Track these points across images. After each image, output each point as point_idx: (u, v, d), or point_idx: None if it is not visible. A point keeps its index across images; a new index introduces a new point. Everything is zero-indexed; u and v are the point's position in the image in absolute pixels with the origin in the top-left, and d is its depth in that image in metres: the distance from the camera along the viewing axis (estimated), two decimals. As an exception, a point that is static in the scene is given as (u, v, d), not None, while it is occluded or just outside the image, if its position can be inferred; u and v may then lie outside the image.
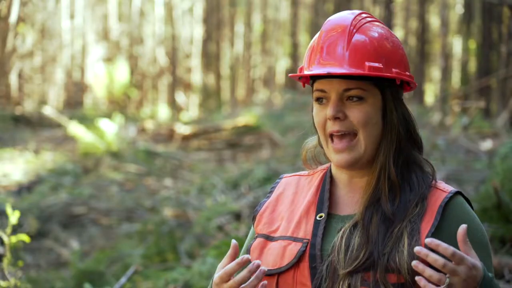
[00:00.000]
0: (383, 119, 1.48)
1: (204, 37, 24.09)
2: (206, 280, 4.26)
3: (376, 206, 1.47)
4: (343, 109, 1.47)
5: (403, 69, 1.50)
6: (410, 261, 1.38)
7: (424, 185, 1.49)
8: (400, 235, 1.42)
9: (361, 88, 1.46)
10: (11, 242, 3.04)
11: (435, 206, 1.46)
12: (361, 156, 1.48)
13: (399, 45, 1.52)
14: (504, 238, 3.71)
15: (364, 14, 1.54)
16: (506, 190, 3.89)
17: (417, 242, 1.41)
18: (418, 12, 18.81)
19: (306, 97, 16.31)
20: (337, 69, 1.44)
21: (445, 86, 14.56)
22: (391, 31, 1.56)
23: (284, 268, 1.50)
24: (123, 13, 24.04)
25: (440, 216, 1.45)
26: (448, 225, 1.45)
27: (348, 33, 1.47)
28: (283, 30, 25.59)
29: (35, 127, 14.69)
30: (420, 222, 1.44)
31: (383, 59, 1.46)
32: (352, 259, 1.42)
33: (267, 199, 1.66)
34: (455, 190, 1.50)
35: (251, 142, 13.03)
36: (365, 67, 1.43)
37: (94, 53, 21.63)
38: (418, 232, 1.43)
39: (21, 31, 17.97)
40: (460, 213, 1.47)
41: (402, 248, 1.41)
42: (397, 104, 1.50)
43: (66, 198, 8.03)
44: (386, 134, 1.48)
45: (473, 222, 1.46)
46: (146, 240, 6.14)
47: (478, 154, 8.12)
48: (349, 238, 1.45)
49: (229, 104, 22.92)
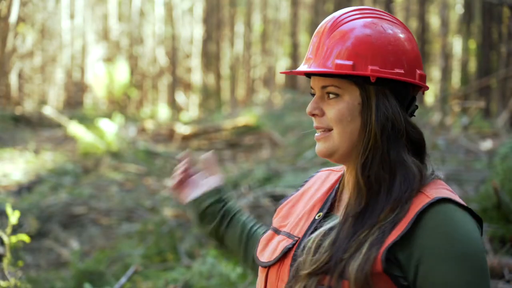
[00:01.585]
0: (361, 117, 1.44)
1: (204, 37, 24.09)
2: (206, 280, 4.26)
3: (353, 208, 1.43)
4: (321, 105, 1.47)
5: (389, 66, 1.42)
6: (359, 273, 1.32)
7: (405, 189, 1.39)
8: (363, 242, 1.36)
9: (335, 86, 1.44)
10: (11, 242, 3.04)
11: (411, 214, 1.35)
12: (336, 148, 1.45)
13: (390, 41, 1.44)
14: (504, 238, 3.70)
15: (361, 9, 1.48)
16: (506, 190, 3.88)
17: (376, 251, 1.33)
18: (418, 12, 18.82)
19: (306, 97, 16.31)
20: (305, 67, 1.47)
21: (445, 86, 14.55)
22: (391, 26, 1.47)
23: (271, 262, 1.52)
24: (123, 13, 24.04)
25: (413, 224, 1.34)
26: (421, 235, 1.33)
27: (329, 29, 1.46)
28: (283, 30, 25.60)
29: (35, 127, 14.70)
30: (391, 230, 1.35)
31: (357, 56, 1.42)
32: (314, 261, 1.39)
33: (294, 193, 1.69)
34: (440, 196, 1.36)
35: (251, 142, 13.03)
36: (334, 65, 1.42)
37: (94, 53, 21.64)
38: (384, 238, 1.34)
39: (21, 31, 17.98)
40: (439, 222, 1.34)
41: (358, 255, 1.34)
42: (381, 103, 1.43)
43: (66, 198, 8.03)
44: (361, 132, 1.44)
45: (455, 232, 1.33)
46: (146, 240, 6.14)
47: (478, 154, 8.12)
48: (322, 239, 1.42)
49: (229, 104, 22.93)
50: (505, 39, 15.07)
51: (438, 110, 11.72)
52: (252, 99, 23.01)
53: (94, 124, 12.54)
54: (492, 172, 4.59)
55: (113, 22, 22.94)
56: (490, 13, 15.87)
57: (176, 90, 22.99)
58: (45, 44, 20.93)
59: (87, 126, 12.26)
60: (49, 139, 13.27)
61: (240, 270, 4.27)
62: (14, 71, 19.14)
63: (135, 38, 23.52)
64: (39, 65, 20.93)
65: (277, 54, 24.62)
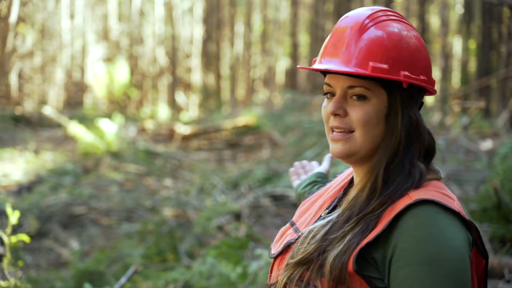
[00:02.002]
0: (387, 121, 1.44)
1: (204, 37, 24.09)
2: (206, 280, 4.26)
3: (353, 205, 1.44)
4: (345, 106, 1.45)
5: (417, 72, 1.44)
6: (337, 263, 1.33)
7: (398, 190, 1.39)
8: (347, 233, 1.37)
9: (365, 87, 1.43)
10: (11, 242, 3.04)
11: (391, 215, 1.35)
12: (357, 150, 1.45)
13: (417, 47, 1.46)
14: (504, 238, 3.70)
15: (384, 11, 1.48)
16: (506, 190, 3.88)
17: (353, 246, 1.34)
18: (418, 12, 18.81)
19: (306, 97, 16.31)
20: (339, 67, 1.42)
21: (445, 86, 14.54)
22: (414, 32, 1.48)
23: (275, 254, 1.55)
24: (123, 13, 24.04)
25: (389, 225, 1.34)
26: (395, 236, 1.33)
27: (359, 29, 1.44)
28: (283, 30, 25.59)
29: (35, 127, 14.69)
30: (373, 228, 1.36)
31: (390, 60, 1.42)
32: (303, 251, 1.41)
33: (319, 189, 1.73)
34: (422, 198, 1.35)
35: (251, 142, 13.03)
36: (368, 67, 1.41)
37: (94, 53, 21.63)
38: (363, 236, 1.35)
39: (21, 31, 17.97)
40: (414, 224, 1.32)
41: (339, 246, 1.36)
42: (406, 108, 1.44)
43: (66, 198, 8.03)
44: (387, 137, 1.44)
45: (428, 235, 1.30)
46: (146, 240, 6.14)
47: (478, 154, 8.12)
48: (318, 231, 1.44)
49: (229, 104, 22.92)
50: (505, 39, 15.07)
51: (438, 110, 11.71)
52: (252, 99, 23.01)
53: (94, 124, 12.53)
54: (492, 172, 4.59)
55: (113, 22, 22.94)
56: (490, 13, 15.87)
57: (176, 90, 22.99)
58: (45, 44, 20.92)
59: (87, 126, 12.26)
60: (49, 139, 13.27)
61: (240, 270, 4.27)
62: (14, 71, 19.13)
63: (135, 38, 23.52)
64: (39, 65, 20.93)
65: (277, 54, 24.62)
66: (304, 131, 11.80)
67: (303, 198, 1.86)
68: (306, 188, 1.97)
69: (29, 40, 19.60)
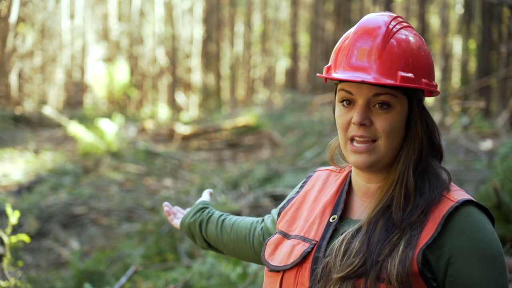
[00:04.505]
0: (407, 127, 1.47)
1: (204, 37, 24.09)
2: (206, 280, 4.26)
3: (384, 213, 1.45)
4: (369, 115, 1.45)
5: (431, 78, 1.49)
6: (400, 268, 1.36)
7: (435, 194, 1.44)
8: (397, 243, 1.40)
9: (391, 94, 1.44)
10: (11, 242, 3.04)
11: (438, 217, 1.41)
12: (380, 159, 1.46)
13: (429, 54, 1.50)
14: (504, 238, 3.70)
15: (396, 18, 1.50)
16: (506, 190, 3.88)
17: (412, 251, 1.38)
18: (418, 12, 18.81)
19: (306, 97, 16.30)
20: (370, 77, 1.41)
21: (445, 86, 14.55)
22: (422, 38, 1.52)
23: (289, 266, 1.52)
24: (123, 13, 24.03)
25: (442, 227, 1.40)
26: (450, 237, 1.40)
27: (383, 38, 1.44)
28: (283, 30, 25.60)
29: (35, 127, 14.69)
30: (421, 232, 1.41)
31: (414, 68, 1.44)
32: (347, 265, 1.41)
33: (295, 195, 1.70)
34: (464, 199, 1.43)
35: (251, 142, 13.03)
36: (397, 76, 1.41)
37: (94, 53, 21.63)
38: (416, 240, 1.39)
39: (21, 31, 17.97)
40: (465, 224, 1.40)
41: (395, 255, 1.38)
42: (422, 113, 1.48)
43: (66, 198, 8.03)
44: (409, 143, 1.47)
45: (479, 233, 1.40)
46: (146, 240, 6.14)
47: (478, 154, 8.12)
48: (349, 242, 1.44)
49: (229, 104, 22.92)
50: (505, 39, 15.07)
51: (438, 110, 11.72)
52: (252, 99, 23.01)
53: (94, 124, 12.53)
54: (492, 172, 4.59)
55: (113, 22, 22.94)
56: (490, 13, 15.87)
57: (176, 90, 22.99)
58: (45, 44, 20.92)
59: (87, 126, 12.26)
60: (49, 139, 13.27)
61: (240, 270, 4.27)
62: (14, 71, 19.13)
63: (135, 38, 23.52)
64: (39, 65, 20.92)
65: (277, 54, 24.62)
66: (304, 131, 11.80)
67: (196, 226, 1.93)
68: (196, 216, 1.94)
69: (29, 40, 19.60)
